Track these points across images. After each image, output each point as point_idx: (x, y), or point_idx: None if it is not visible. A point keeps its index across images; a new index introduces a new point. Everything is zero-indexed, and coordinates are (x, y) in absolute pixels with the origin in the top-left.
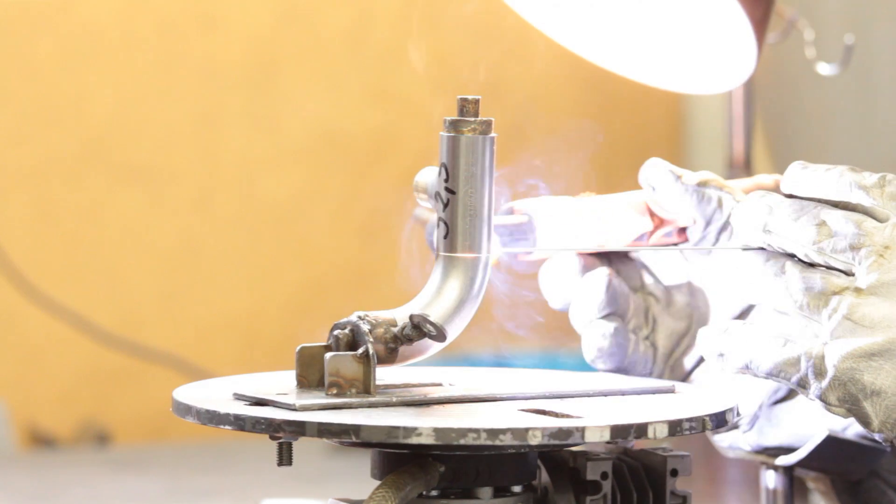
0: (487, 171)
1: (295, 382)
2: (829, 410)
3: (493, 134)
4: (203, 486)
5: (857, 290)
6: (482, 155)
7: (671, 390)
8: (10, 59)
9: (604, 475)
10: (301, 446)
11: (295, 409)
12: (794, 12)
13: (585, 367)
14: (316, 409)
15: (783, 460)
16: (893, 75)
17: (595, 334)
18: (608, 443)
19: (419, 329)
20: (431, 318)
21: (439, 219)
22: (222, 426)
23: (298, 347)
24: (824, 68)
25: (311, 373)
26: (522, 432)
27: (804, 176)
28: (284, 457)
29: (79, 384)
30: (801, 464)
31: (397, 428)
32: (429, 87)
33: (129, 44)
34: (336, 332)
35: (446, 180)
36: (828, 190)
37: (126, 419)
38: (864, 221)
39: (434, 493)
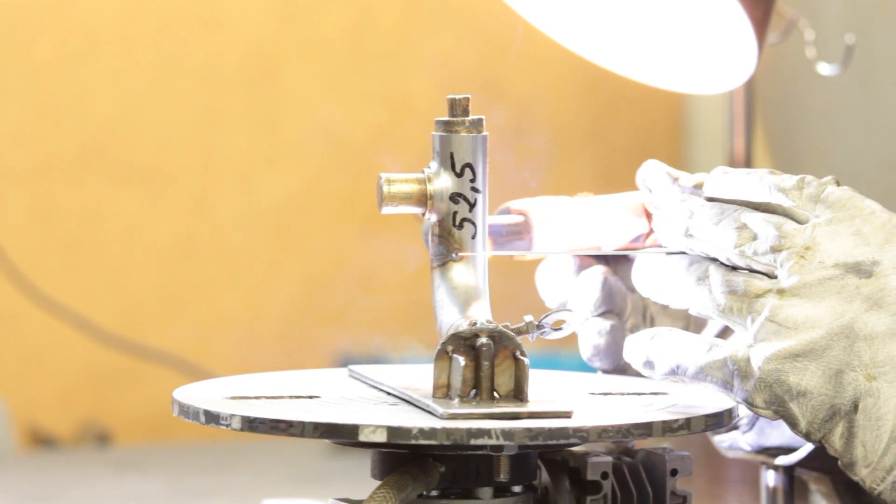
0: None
1: (434, 393)
2: (756, 413)
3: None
4: (203, 486)
5: (780, 292)
6: (487, 152)
7: None
8: (10, 59)
9: (604, 475)
10: (301, 447)
11: (570, 417)
12: (795, 12)
13: (585, 367)
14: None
15: (783, 460)
16: (894, 75)
17: (591, 332)
18: (615, 442)
19: (540, 327)
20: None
21: (463, 219)
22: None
23: (459, 359)
24: (825, 68)
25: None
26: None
27: (725, 180)
28: (503, 470)
29: (79, 384)
30: (802, 464)
31: (717, 414)
32: (429, 87)
33: (129, 44)
34: (484, 340)
35: (472, 180)
36: (748, 193)
37: (126, 419)
38: (784, 223)
39: (434, 493)
